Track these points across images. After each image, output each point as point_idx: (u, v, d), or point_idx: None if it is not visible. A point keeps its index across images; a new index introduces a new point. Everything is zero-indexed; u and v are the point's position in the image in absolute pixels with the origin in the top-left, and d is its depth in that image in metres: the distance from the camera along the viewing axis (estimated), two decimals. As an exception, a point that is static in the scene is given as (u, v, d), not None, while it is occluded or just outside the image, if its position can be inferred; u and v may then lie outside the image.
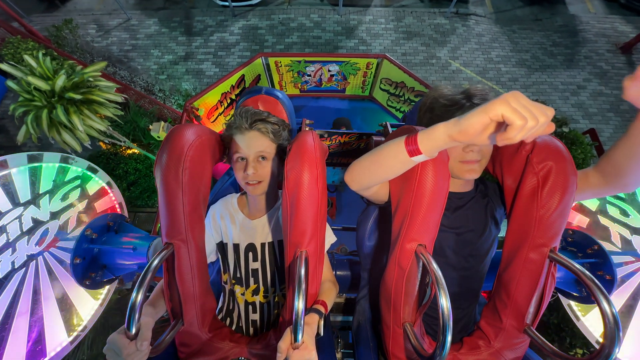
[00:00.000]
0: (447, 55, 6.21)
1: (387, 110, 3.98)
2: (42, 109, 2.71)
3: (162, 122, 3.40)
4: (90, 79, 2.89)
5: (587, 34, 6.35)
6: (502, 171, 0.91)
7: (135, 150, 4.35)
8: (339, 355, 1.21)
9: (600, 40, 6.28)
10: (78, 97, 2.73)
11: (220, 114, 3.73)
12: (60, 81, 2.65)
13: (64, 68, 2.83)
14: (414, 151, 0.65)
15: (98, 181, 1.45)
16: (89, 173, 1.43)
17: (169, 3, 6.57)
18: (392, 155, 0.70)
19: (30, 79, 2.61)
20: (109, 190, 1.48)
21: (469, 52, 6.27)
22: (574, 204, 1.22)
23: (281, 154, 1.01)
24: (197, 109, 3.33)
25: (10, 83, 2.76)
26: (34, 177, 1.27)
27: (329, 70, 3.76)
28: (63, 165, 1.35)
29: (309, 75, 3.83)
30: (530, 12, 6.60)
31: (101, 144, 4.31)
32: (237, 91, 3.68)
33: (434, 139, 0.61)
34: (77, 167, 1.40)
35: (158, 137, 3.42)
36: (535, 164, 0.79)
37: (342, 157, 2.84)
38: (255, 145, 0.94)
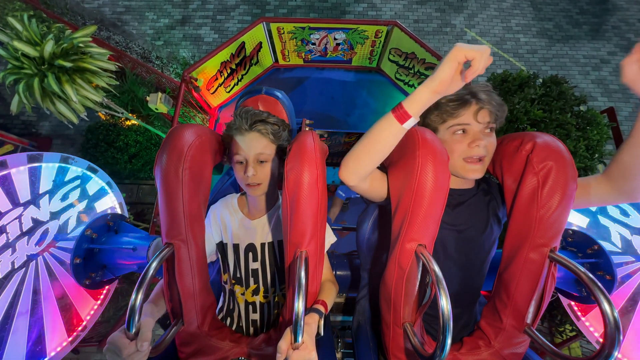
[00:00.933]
0: (463, 22, 5.69)
1: (395, 84, 3.78)
2: (32, 77, 2.57)
3: (160, 93, 3.24)
4: (81, 45, 2.72)
5: (618, 0, 5.81)
6: (502, 171, 0.91)
7: (135, 122, 4.20)
8: (339, 355, 1.21)
9: (632, 8, 5.71)
10: (69, 64, 2.58)
11: (220, 85, 3.54)
12: (49, 47, 2.49)
13: (52, 32, 2.63)
14: (403, 116, 0.70)
15: (98, 181, 1.45)
16: (89, 173, 1.43)
17: (163, -42, 6.06)
18: (383, 130, 0.74)
19: (17, 43, 2.45)
20: (109, 190, 1.48)
21: (487, 20, 5.70)
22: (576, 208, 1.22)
23: (281, 154, 1.01)
24: (196, 79, 3.15)
25: (-3, 48, 2.60)
26: (34, 177, 1.26)
27: (335, 39, 3.50)
28: (63, 165, 1.35)
29: (314, 44, 3.56)
30: (557, -27, 6.09)
31: (100, 114, 4.13)
32: (237, 60, 3.45)
33: (420, 99, 0.69)
34: (77, 167, 1.39)
35: (156, 109, 3.26)
36: (535, 164, 0.79)
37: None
38: (255, 147, 0.94)
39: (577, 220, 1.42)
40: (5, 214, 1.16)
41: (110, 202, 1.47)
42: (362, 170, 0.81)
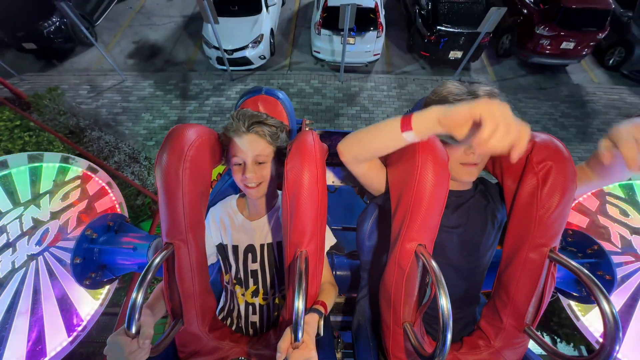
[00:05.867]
0: None
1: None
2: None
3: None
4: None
5: (595, 105, 5.95)
6: (501, 171, 0.91)
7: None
8: (339, 355, 1.21)
9: (611, 112, 5.83)
10: None
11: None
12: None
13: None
14: (405, 124, 0.69)
15: (98, 181, 1.45)
16: (89, 173, 1.43)
17: (167, 65, 6.34)
18: (386, 128, 0.75)
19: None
20: (109, 190, 1.48)
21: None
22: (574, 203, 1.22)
23: (280, 155, 1.01)
24: None
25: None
26: (35, 177, 1.26)
27: None
28: (63, 165, 1.35)
29: None
30: (534, 80, 6.22)
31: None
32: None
33: (425, 118, 0.67)
34: (77, 167, 1.39)
35: None
36: (534, 163, 0.79)
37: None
38: (252, 149, 0.94)
39: (577, 220, 1.41)
40: (6, 214, 1.16)
41: (110, 202, 1.47)
42: (355, 153, 0.84)
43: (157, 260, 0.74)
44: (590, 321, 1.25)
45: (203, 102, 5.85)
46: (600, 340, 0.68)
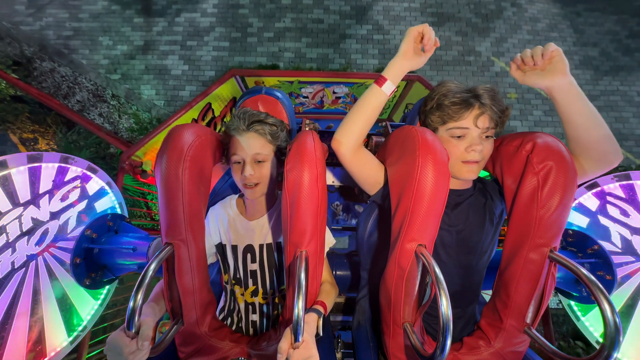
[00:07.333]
0: (490, 49, 4.61)
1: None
2: None
3: None
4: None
5: None
6: (502, 171, 0.91)
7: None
8: (339, 355, 1.21)
9: None
10: None
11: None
12: None
13: None
14: (380, 80, 0.87)
15: (98, 181, 1.45)
16: (88, 173, 1.43)
17: (121, -35, 4.75)
18: (367, 94, 0.89)
19: None
20: (109, 190, 1.48)
21: (519, 45, 4.59)
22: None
23: (279, 155, 1.01)
24: (141, 163, 2.20)
25: None
26: (34, 177, 1.26)
27: (334, 92, 2.78)
28: (63, 165, 1.35)
29: (306, 97, 2.85)
30: (601, -15, 4.67)
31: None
32: (203, 123, 2.56)
33: (392, 67, 0.87)
34: (77, 167, 1.39)
35: None
36: (535, 164, 0.79)
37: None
38: (252, 147, 0.94)
39: (577, 220, 1.42)
40: (5, 214, 1.16)
41: (110, 202, 1.47)
42: (351, 134, 0.90)
43: (157, 260, 0.74)
44: (590, 321, 1.25)
45: (173, 19, 4.62)
46: (600, 340, 0.68)
